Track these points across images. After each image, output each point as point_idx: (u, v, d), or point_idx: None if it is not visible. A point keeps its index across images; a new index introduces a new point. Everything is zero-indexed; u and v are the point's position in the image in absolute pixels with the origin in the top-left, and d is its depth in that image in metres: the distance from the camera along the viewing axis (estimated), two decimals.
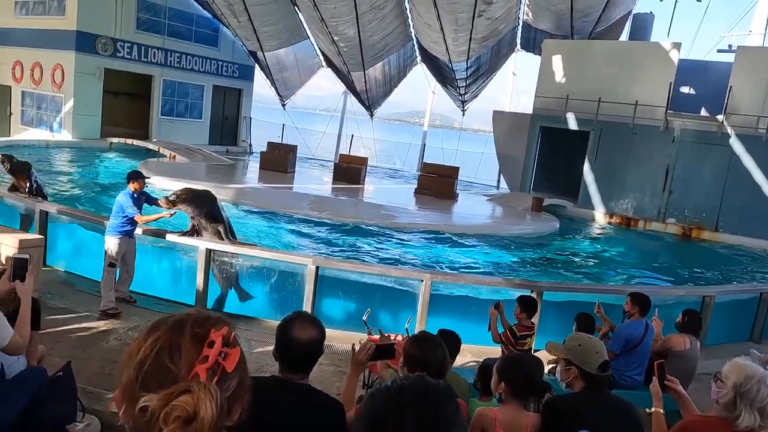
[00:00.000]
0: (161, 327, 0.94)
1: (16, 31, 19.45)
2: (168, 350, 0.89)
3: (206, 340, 0.90)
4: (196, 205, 6.78)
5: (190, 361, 0.88)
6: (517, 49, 21.64)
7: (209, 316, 0.96)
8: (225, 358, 0.90)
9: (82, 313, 6.17)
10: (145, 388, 0.86)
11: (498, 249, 11.24)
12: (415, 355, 2.17)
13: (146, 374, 0.88)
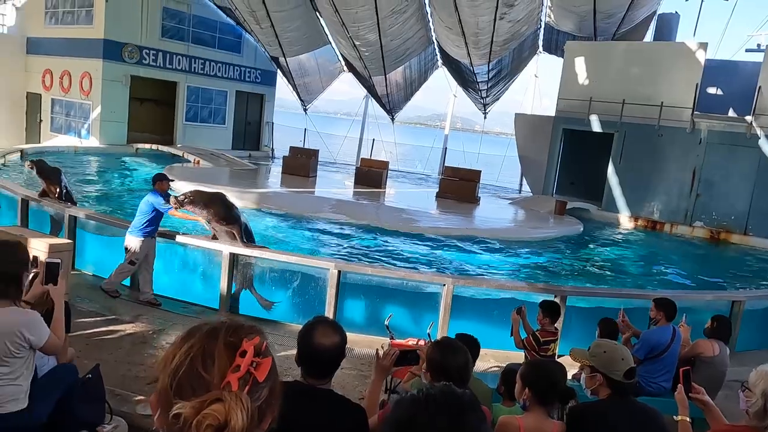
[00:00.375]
0: (195, 334, 0.96)
1: (46, 41, 19.97)
2: (201, 358, 0.91)
3: (239, 349, 0.92)
4: (203, 206, 6.78)
5: (222, 370, 0.90)
6: (539, 51, 21.49)
7: (242, 325, 0.99)
8: (257, 368, 0.92)
9: (109, 316, 6.29)
10: (179, 395, 0.89)
11: (521, 253, 11.15)
12: (437, 361, 2.17)
13: (180, 381, 0.90)
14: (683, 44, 16.28)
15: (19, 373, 2.58)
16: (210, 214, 6.78)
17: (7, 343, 2.57)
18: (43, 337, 2.69)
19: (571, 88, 17.47)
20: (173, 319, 6.47)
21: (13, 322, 2.61)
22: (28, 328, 2.61)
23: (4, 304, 2.64)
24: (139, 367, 5.12)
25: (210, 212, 6.76)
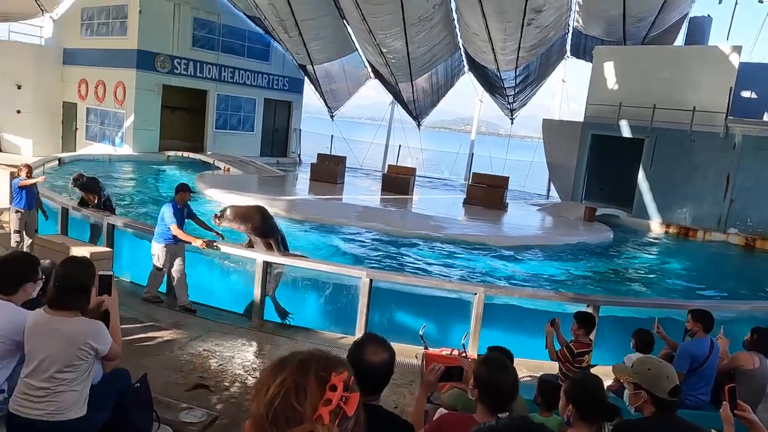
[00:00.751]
0: (287, 368, 1.02)
1: (81, 52, 20.56)
2: (295, 392, 0.98)
3: (328, 383, 0.98)
4: (240, 221, 7.00)
5: (314, 403, 0.96)
6: (566, 56, 21.35)
7: (330, 359, 1.05)
8: (346, 402, 0.98)
9: (146, 323, 6.44)
10: (274, 425, 0.96)
11: (550, 260, 11.06)
12: (486, 378, 2.20)
13: (276, 412, 0.97)
14: (716, 48, 16.00)
15: (81, 380, 2.72)
16: (247, 228, 6.95)
17: (75, 351, 2.71)
18: (107, 345, 2.85)
19: (600, 93, 17.30)
20: (209, 326, 6.61)
21: (81, 331, 2.77)
22: (94, 337, 2.76)
23: (74, 314, 2.81)
24: (178, 374, 5.25)
25: (247, 226, 6.94)
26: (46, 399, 2.64)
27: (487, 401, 2.15)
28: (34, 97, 20.49)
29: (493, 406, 2.12)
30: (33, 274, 3.06)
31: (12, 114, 20.21)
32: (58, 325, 2.74)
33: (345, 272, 7.06)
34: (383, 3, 16.63)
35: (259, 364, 5.75)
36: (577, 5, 18.33)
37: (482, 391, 2.18)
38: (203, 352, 5.82)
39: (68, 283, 2.82)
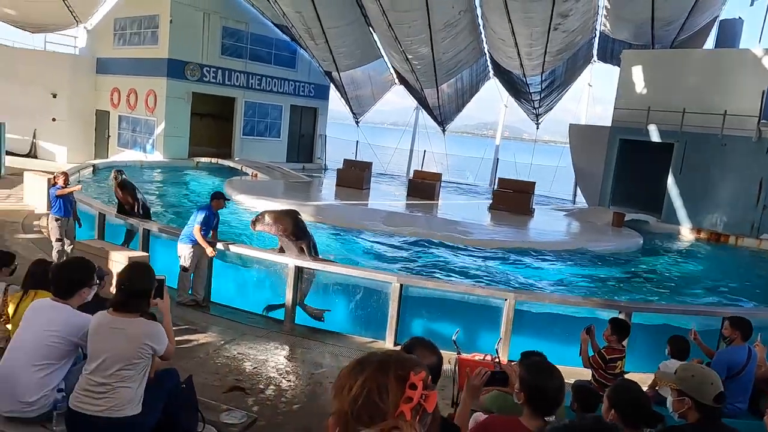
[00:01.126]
0: (367, 368, 1.10)
1: (114, 61, 21.09)
2: (377, 390, 1.05)
3: (407, 382, 1.05)
4: (274, 224, 7.22)
5: (395, 401, 1.04)
6: (593, 60, 21.18)
7: (407, 359, 1.12)
8: (426, 400, 1.05)
9: (182, 326, 6.58)
10: (358, 422, 1.03)
11: (579, 266, 10.98)
12: (533, 383, 2.23)
13: (359, 409, 1.05)
14: (748, 51, 15.72)
15: (137, 378, 2.86)
16: (281, 231, 7.10)
17: (135, 350, 2.86)
18: (164, 345, 3.00)
19: (628, 98, 17.12)
20: (242, 329, 6.74)
21: (141, 332, 2.93)
22: (153, 338, 2.91)
23: (135, 315, 2.97)
24: (215, 376, 5.37)
25: (281, 229, 7.09)
26: (106, 395, 2.77)
27: (533, 405, 2.19)
28: (69, 105, 21.07)
29: (540, 410, 2.16)
30: (89, 279, 3.21)
31: (47, 122, 20.81)
32: (120, 326, 2.89)
33: (375, 277, 7.13)
34: (410, 10, 16.73)
35: (292, 367, 5.84)
36: (604, 9, 18.19)
37: (529, 395, 2.22)
38: (238, 355, 5.94)
39: (132, 288, 2.97)
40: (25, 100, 20.20)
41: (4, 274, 4.93)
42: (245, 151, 21.37)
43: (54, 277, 3.29)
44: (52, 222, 8.25)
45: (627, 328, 5.05)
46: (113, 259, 7.05)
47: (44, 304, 3.18)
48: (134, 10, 20.05)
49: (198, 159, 19.75)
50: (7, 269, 4.96)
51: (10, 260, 5.03)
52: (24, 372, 2.97)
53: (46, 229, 10.15)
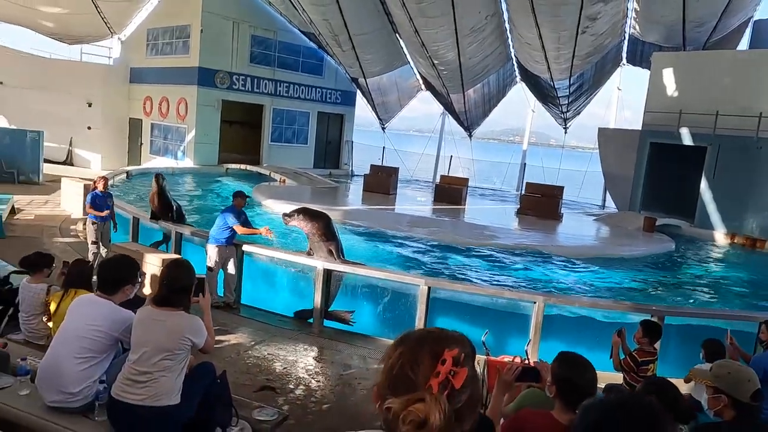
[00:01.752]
0: (406, 341, 1.13)
1: (147, 70, 21.64)
2: (410, 362, 1.08)
3: (440, 357, 1.07)
4: (309, 221, 7.30)
5: (426, 374, 1.06)
6: (622, 63, 20.91)
7: (446, 336, 1.14)
8: (454, 376, 1.06)
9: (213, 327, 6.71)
10: (393, 392, 1.06)
11: (609, 271, 10.82)
12: (567, 377, 2.23)
13: (395, 380, 1.08)
14: None
15: (177, 369, 2.96)
16: (314, 229, 7.20)
17: (176, 342, 2.97)
18: (203, 339, 3.10)
19: (658, 101, 16.85)
20: (272, 331, 6.84)
21: (182, 325, 3.05)
22: (193, 332, 3.02)
23: (177, 310, 3.11)
24: (246, 375, 5.46)
25: (315, 227, 7.19)
26: (147, 384, 2.88)
27: (565, 398, 2.19)
28: (104, 114, 21.67)
29: (572, 404, 2.16)
30: (133, 276, 3.34)
31: (83, 130, 21.43)
32: (162, 318, 3.02)
33: (403, 280, 7.16)
34: (436, 15, 16.79)
35: (321, 368, 5.91)
36: (633, 12, 17.96)
37: (562, 389, 2.22)
38: (268, 356, 6.03)
39: (175, 284, 3.10)
40: (62, 109, 20.86)
41: (44, 275, 5.11)
42: (273, 157, 21.66)
43: (99, 273, 3.43)
44: (90, 225, 8.49)
45: (658, 330, 4.98)
46: (148, 261, 7.24)
47: (88, 300, 3.32)
48: (166, 20, 20.57)
49: (227, 165, 20.09)
50: (48, 270, 5.15)
51: (51, 261, 5.22)
52: (67, 364, 3.09)
53: (83, 233, 10.48)
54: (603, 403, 1.20)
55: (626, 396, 1.19)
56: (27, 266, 5.19)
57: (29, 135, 16.82)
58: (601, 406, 1.19)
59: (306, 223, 7.27)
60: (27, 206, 12.93)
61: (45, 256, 5.30)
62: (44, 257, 5.25)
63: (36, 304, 4.87)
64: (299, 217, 7.27)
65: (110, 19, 21.04)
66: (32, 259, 5.18)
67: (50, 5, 19.87)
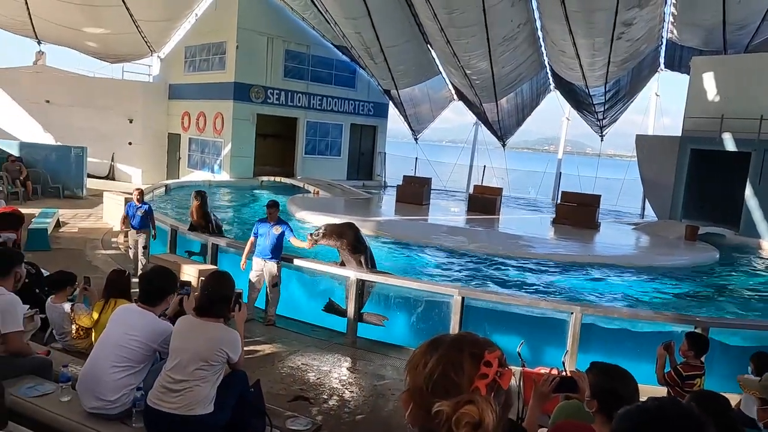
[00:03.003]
0: (441, 346, 1.14)
1: (184, 87, 22.23)
2: (452, 366, 1.09)
3: (482, 359, 1.08)
4: (336, 238, 7.33)
5: (470, 377, 1.07)
6: (660, 69, 20.46)
7: (480, 339, 1.16)
8: (501, 377, 1.07)
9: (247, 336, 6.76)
10: (434, 396, 1.06)
11: (650, 281, 10.52)
12: (606, 387, 2.16)
13: (435, 384, 1.08)
14: None
15: (211, 380, 3.00)
16: (343, 244, 7.23)
17: (212, 353, 3.00)
18: (238, 354, 3.13)
19: (699, 106, 16.40)
20: (305, 341, 6.87)
21: (220, 337, 3.11)
22: (229, 345, 3.09)
23: (217, 321, 3.17)
24: (280, 385, 5.49)
25: (342, 242, 7.22)
26: (182, 393, 2.91)
27: (607, 412, 2.12)
28: (144, 129, 22.33)
29: None
30: (173, 287, 3.42)
31: (124, 145, 22.11)
32: (201, 328, 3.08)
33: (437, 290, 7.11)
34: (467, 25, 16.77)
35: (355, 378, 5.89)
36: (670, 16, 17.58)
37: (604, 401, 2.14)
38: (302, 366, 6.05)
39: (215, 294, 3.16)
40: (104, 125, 21.61)
41: (67, 293, 5.15)
42: (307, 169, 21.91)
43: (140, 285, 3.51)
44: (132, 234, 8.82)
45: (704, 343, 4.78)
46: (185, 272, 7.37)
47: (129, 310, 3.40)
48: (203, 38, 21.13)
49: (262, 178, 20.41)
50: (71, 288, 5.17)
51: (74, 280, 5.24)
52: (106, 372, 3.16)
53: (124, 244, 10.80)
54: (640, 409, 1.16)
55: (665, 401, 1.15)
56: (50, 285, 5.24)
57: (74, 151, 17.46)
58: (638, 412, 1.16)
59: (334, 240, 7.31)
60: (71, 219, 13.38)
61: (67, 274, 5.30)
62: (66, 275, 5.25)
63: (63, 322, 4.93)
64: (326, 237, 7.29)
65: (150, 37, 21.72)
66: (54, 278, 5.22)
67: (94, 26, 20.64)
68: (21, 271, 3.82)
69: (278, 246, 7.36)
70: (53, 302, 5.01)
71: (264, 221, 7.46)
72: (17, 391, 3.43)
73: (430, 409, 1.04)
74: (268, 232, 7.33)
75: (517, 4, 16.72)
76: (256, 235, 7.44)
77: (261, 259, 7.36)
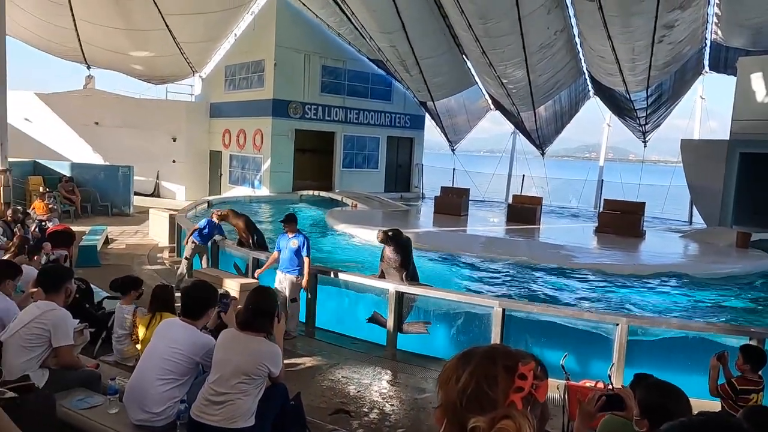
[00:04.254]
0: (473, 359, 1.11)
1: (225, 105, 22.82)
2: (486, 380, 1.06)
3: (516, 372, 1.05)
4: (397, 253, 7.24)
5: (505, 390, 1.04)
6: (704, 71, 19.83)
7: (513, 351, 1.13)
8: (536, 390, 1.04)
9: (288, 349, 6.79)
10: (469, 411, 1.04)
11: (699, 290, 10.14)
12: (656, 405, 2.07)
13: (469, 399, 1.06)
14: None
15: (253, 393, 3.04)
16: (399, 255, 7.21)
17: (254, 367, 3.05)
18: (279, 368, 3.17)
19: (747, 108, 15.80)
20: (345, 354, 6.88)
21: (262, 351, 3.17)
22: (271, 360, 3.13)
23: (260, 335, 3.20)
24: (321, 398, 5.50)
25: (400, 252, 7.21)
26: (224, 406, 2.96)
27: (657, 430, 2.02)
28: (187, 147, 22.99)
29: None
30: (213, 302, 3.50)
31: (168, 163, 22.81)
32: (244, 342, 3.13)
33: (477, 302, 7.03)
34: (503, 35, 16.67)
35: (395, 391, 5.86)
36: (714, 16, 17.06)
37: (655, 420, 2.05)
38: (342, 379, 6.05)
39: (258, 310, 3.22)
40: (149, 145, 22.36)
41: (132, 297, 5.47)
42: (345, 182, 22.10)
43: (182, 300, 3.59)
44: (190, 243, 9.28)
45: (761, 355, 4.53)
46: (227, 286, 7.51)
47: (173, 323, 3.49)
48: (242, 57, 21.67)
49: (301, 192, 20.69)
50: (136, 292, 5.49)
51: (139, 284, 5.57)
52: (151, 385, 3.23)
53: (169, 260, 11.11)
54: (683, 424, 1.11)
55: (711, 416, 1.09)
56: (116, 289, 5.57)
57: (121, 170, 18.12)
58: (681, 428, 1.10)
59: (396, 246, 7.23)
60: (119, 236, 13.84)
61: (132, 278, 5.66)
62: (132, 280, 5.61)
63: (125, 324, 5.19)
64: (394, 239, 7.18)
65: (192, 58, 22.45)
66: (121, 282, 5.55)
67: (140, 50, 21.48)
68: (71, 286, 3.97)
69: (295, 259, 7.33)
70: (121, 305, 5.44)
71: (284, 234, 7.47)
72: (68, 403, 3.55)
73: (465, 425, 1.02)
74: (286, 245, 7.34)
75: (553, 11, 16.53)
76: (279, 249, 7.46)
77: (281, 272, 7.37)
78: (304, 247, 7.29)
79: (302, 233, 7.48)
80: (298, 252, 7.28)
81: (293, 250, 7.28)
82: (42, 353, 3.61)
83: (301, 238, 7.32)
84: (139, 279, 5.78)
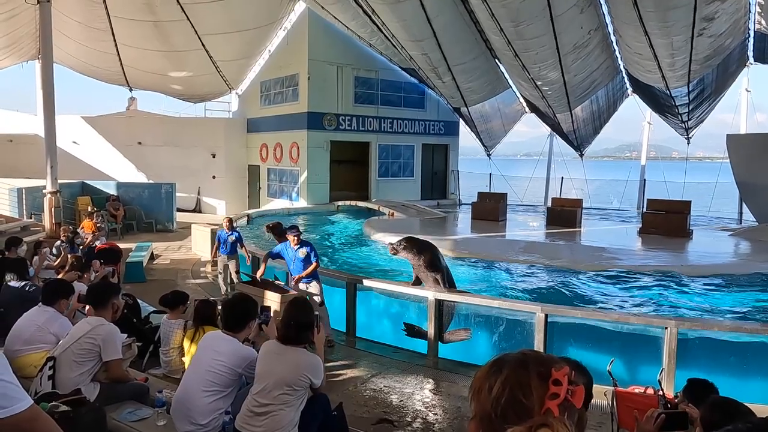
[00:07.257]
0: (505, 368, 1.08)
1: (261, 120, 23.26)
2: (519, 388, 1.04)
3: (550, 378, 1.02)
4: (416, 253, 7.27)
5: (540, 398, 1.01)
6: (749, 62, 19.11)
7: (545, 357, 1.10)
8: (572, 395, 1.01)
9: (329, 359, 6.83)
10: (504, 421, 1.02)
11: (754, 290, 9.73)
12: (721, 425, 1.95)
13: (504, 408, 1.03)
14: None
15: (295, 404, 3.07)
16: (421, 261, 7.19)
17: (296, 378, 3.09)
18: (320, 379, 3.23)
19: None
20: (386, 363, 6.86)
21: (303, 363, 3.21)
22: (312, 371, 3.17)
23: (299, 346, 3.23)
24: (363, 408, 5.50)
25: (421, 259, 7.19)
26: (267, 417, 3.00)
27: None
28: (226, 163, 23.53)
29: None
30: (254, 314, 3.56)
31: (209, 179, 23.38)
32: (285, 354, 3.18)
33: (519, 308, 6.92)
34: (535, 36, 16.48)
35: (438, 400, 5.81)
36: (757, 6, 16.45)
37: None
38: (384, 388, 6.04)
39: (296, 321, 3.28)
40: (190, 162, 22.99)
41: (179, 311, 5.62)
42: (381, 191, 22.17)
43: (223, 313, 3.67)
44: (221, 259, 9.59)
45: None
46: (268, 298, 7.61)
47: (216, 336, 3.56)
48: (277, 72, 22.07)
49: (338, 203, 20.85)
50: (183, 307, 5.64)
51: (186, 299, 5.73)
52: (196, 396, 3.30)
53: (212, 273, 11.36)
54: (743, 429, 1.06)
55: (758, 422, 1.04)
56: (166, 304, 5.74)
57: (164, 188, 18.67)
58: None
59: (413, 255, 7.26)
60: (163, 252, 14.22)
61: (181, 294, 5.84)
62: (180, 295, 5.79)
63: (173, 338, 5.33)
64: (406, 249, 7.27)
65: (228, 76, 23.00)
66: (169, 298, 5.72)
67: (178, 70, 22.16)
68: (118, 302, 4.10)
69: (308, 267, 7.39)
70: (168, 318, 5.62)
71: (286, 245, 7.50)
72: (118, 416, 3.66)
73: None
74: (294, 256, 7.39)
75: (586, 10, 16.24)
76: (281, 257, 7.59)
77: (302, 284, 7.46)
78: (312, 253, 7.42)
79: (307, 242, 7.63)
80: (307, 259, 7.39)
81: (302, 259, 7.38)
82: (93, 367, 3.72)
83: (308, 247, 7.46)
84: (185, 294, 5.95)
